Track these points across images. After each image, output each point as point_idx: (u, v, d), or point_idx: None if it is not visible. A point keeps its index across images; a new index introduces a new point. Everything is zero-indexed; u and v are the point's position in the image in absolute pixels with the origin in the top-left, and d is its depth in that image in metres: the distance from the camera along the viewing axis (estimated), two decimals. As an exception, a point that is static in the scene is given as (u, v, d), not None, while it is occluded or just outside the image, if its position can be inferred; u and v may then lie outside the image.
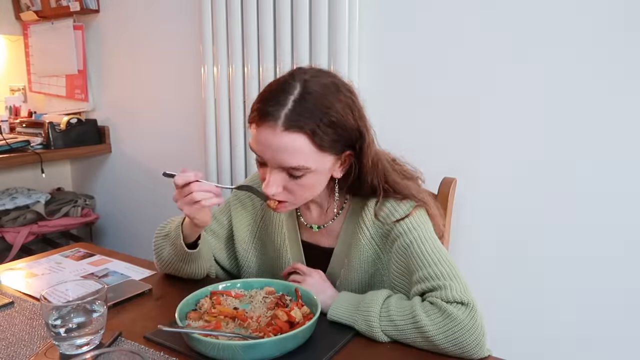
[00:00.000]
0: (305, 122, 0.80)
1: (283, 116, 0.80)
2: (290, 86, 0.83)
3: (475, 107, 1.41)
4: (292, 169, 0.83)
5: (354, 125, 0.85)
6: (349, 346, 0.80)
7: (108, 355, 0.61)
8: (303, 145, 0.81)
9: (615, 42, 1.22)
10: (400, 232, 0.90)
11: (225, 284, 0.94)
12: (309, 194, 0.90)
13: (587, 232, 1.31)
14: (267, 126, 0.81)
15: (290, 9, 1.62)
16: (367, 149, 0.87)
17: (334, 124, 0.82)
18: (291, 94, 0.81)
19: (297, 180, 0.85)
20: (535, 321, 1.41)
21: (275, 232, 1.04)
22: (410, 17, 1.48)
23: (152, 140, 2.27)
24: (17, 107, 2.66)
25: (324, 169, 0.86)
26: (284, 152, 0.81)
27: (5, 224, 2.11)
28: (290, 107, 0.80)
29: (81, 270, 1.15)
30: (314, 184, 0.87)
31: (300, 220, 1.03)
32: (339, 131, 0.83)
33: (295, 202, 0.91)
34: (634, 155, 1.23)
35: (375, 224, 0.93)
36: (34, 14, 2.42)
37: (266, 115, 0.81)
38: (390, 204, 0.92)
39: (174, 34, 2.06)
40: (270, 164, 0.85)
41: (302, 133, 0.80)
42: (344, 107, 0.83)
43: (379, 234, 0.93)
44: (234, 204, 1.10)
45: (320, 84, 0.83)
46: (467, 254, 1.48)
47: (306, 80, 0.83)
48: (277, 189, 0.86)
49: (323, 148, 0.83)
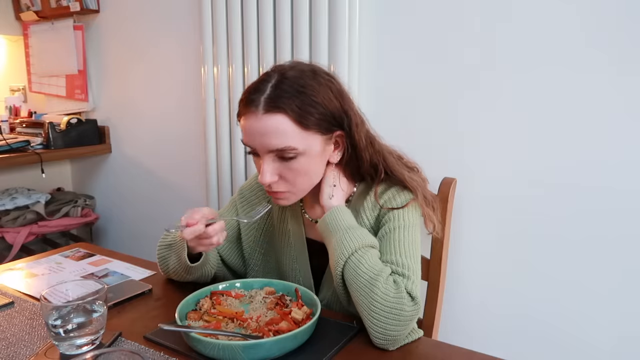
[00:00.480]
0: (283, 102, 0.83)
1: (262, 101, 0.84)
2: (269, 76, 0.88)
3: (476, 107, 1.41)
4: (280, 150, 0.85)
5: (337, 105, 0.88)
6: (349, 346, 0.80)
7: (108, 355, 0.61)
8: (285, 126, 0.84)
9: (615, 41, 1.22)
10: (389, 218, 0.93)
11: (225, 284, 0.94)
12: (306, 180, 0.90)
13: (587, 232, 1.31)
14: (250, 113, 0.86)
15: (290, 9, 1.62)
16: (357, 128, 0.90)
17: (314, 103, 0.85)
18: (269, 82, 0.86)
19: (289, 164, 0.87)
20: (535, 321, 1.41)
21: (279, 229, 1.05)
22: (410, 18, 1.48)
23: (152, 140, 2.27)
24: (17, 107, 2.66)
25: (315, 151, 0.88)
26: (268, 134, 0.84)
27: (5, 224, 2.11)
28: (268, 92, 0.85)
29: (81, 270, 1.15)
30: (308, 168, 0.88)
31: (305, 217, 1.03)
32: (320, 109, 0.85)
33: (295, 192, 0.91)
34: (635, 155, 1.23)
35: (373, 212, 0.95)
36: (34, 14, 2.41)
37: (248, 103, 0.86)
38: (392, 192, 0.95)
39: (174, 34, 2.06)
40: (260, 151, 0.87)
41: (282, 113, 0.83)
42: (323, 88, 0.87)
43: (374, 222, 0.95)
44: (240, 203, 1.11)
45: (296, 69, 0.88)
46: (467, 254, 1.48)
47: (283, 69, 0.89)
48: (271, 177, 0.88)
49: (307, 127, 0.85)
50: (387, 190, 0.95)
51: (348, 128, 0.89)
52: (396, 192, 0.95)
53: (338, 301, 0.94)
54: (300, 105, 0.84)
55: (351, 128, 0.89)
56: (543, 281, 1.39)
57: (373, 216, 0.95)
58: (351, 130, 0.89)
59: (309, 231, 1.03)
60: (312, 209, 1.03)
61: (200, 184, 2.10)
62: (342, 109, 0.88)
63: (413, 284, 0.84)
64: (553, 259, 1.37)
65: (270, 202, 1.07)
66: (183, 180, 2.18)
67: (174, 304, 0.86)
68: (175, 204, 2.23)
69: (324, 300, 0.98)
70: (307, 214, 1.03)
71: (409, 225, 0.92)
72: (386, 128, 1.03)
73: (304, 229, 1.03)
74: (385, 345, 0.80)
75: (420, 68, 1.49)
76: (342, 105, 0.89)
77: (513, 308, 1.42)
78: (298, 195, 0.93)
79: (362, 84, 1.58)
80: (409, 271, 0.85)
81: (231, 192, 1.91)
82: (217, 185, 1.94)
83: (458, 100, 1.44)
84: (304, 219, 1.03)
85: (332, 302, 0.98)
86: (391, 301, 0.80)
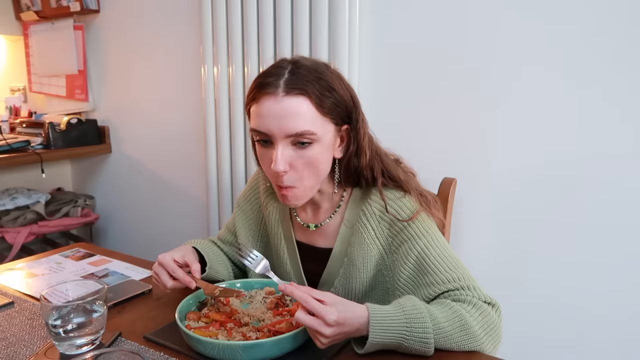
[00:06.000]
0: (304, 84, 0.83)
1: (282, 83, 0.83)
2: (282, 64, 0.87)
3: (476, 107, 1.41)
4: (299, 135, 0.83)
5: (348, 95, 0.88)
6: (349, 346, 0.80)
7: (108, 355, 0.61)
8: (306, 109, 0.83)
9: (616, 40, 1.22)
10: (409, 236, 0.90)
11: (225, 284, 0.94)
12: (313, 173, 0.88)
13: (588, 232, 1.31)
14: (268, 95, 0.83)
15: (290, 9, 1.62)
16: (363, 123, 0.91)
17: (330, 89, 0.85)
18: (285, 68, 0.85)
19: (303, 152, 0.84)
20: (535, 321, 1.41)
21: (272, 232, 1.05)
22: (410, 19, 1.48)
23: (152, 140, 2.27)
24: (17, 107, 2.66)
25: (327, 140, 0.87)
26: (289, 117, 0.82)
27: (5, 224, 2.11)
28: (287, 76, 0.84)
29: (81, 270, 1.15)
30: (318, 158, 0.86)
31: (297, 220, 1.01)
32: (336, 96, 0.86)
33: (302, 188, 0.88)
34: (635, 150, 1.23)
35: (380, 223, 0.92)
36: (34, 14, 2.41)
37: (265, 86, 0.84)
38: (393, 195, 0.92)
39: (174, 34, 2.06)
40: (276, 135, 0.84)
41: (304, 95, 0.83)
42: (336, 77, 0.88)
43: (385, 234, 0.92)
44: (237, 213, 1.12)
45: (308, 60, 0.89)
46: (467, 254, 1.48)
47: (295, 59, 0.88)
48: (284, 165, 0.84)
49: (324, 112, 0.84)
50: (387, 197, 0.93)
51: (355, 122, 0.89)
52: (397, 198, 0.92)
53: None
54: (319, 90, 0.83)
55: (358, 122, 0.89)
56: (543, 282, 1.39)
57: (382, 227, 0.92)
58: (358, 124, 0.89)
59: (299, 234, 1.02)
60: (303, 211, 1.01)
61: (200, 184, 2.10)
62: (353, 100, 0.89)
63: (477, 290, 0.84)
64: (553, 259, 1.37)
65: (260, 206, 1.07)
66: (183, 180, 2.18)
67: (174, 304, 0.86)
68: (175, 203, 2.23)
69: None
70: (298, 217, 1.01)
71: (433, 237, 0.90)
72: (387, 129, 1.03)
73: (293, 232, 1.02)
74: (493, 353, 0.81)
75: (420, 69, 1.49)
76: (352, 96, 0.89)
77: (513, 308, 1.42)
78: (304, 192, 0.90)
79: (362, 84, 1.58)
80: (467, 280, 0.85)
81: (231, 192, 1.91)
82: (217, 185, 1.94)
83: (458, 101, 1.44)
84: (294, 221, 1.02)
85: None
86: (482, 318, 0.80)
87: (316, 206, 0.99)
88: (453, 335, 0.77)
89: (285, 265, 1.02)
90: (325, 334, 0.72)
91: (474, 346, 0.78)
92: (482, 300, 0.83)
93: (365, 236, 0.93)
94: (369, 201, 0.93)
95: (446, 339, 0.77)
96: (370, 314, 0.74)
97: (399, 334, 0.74)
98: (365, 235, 0.93)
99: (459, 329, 0.77)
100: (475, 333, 0.78)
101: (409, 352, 0.77)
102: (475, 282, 0.86)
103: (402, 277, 0.89)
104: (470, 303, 0.81)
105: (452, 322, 0.77)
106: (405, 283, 0.89)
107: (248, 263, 0.90)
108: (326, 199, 0.98)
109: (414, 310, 0.76)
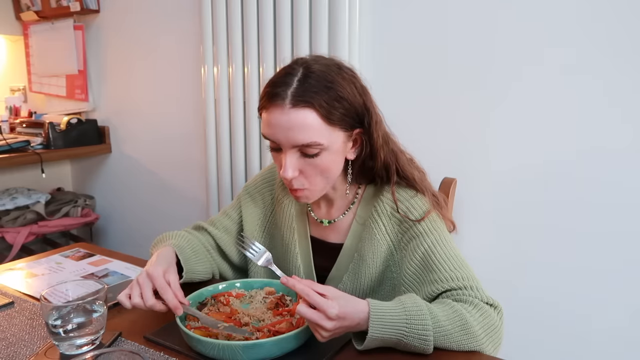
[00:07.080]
0: (311, 97, 0.82)
1: (289, 95, 0.82)
2: (293, 69, 0.86)
3: (476, 107, 1.41)
4: (305, 146, 0.83)
5: (360, 100, 0.87)
6: (349, 346, 0.80)
7: (108, 355, 0.61)
8: (312, 120, 0.82)
9: (616, 40, 1.22)
10: (417, 233, 0.90)
11: (225, 284, 0.94)
12: (324, 178, 0.89)
13: (588, 232, 1.31)
14: (276, 106, 0.83)
15: (290, 9, 1.62)
16: (376, 126, 0.89)
17: (340, 98, 0.84)
18: (295, 76, 0.84)
19: (312, 160, 0.85)
20: (534, 323, 1.41)
21: (284, 226, 1.05)
22: (410, 19, 1.48)
23: (152, 140, 2.27)
24: (17, 107, 2.66)
25: (337, 147, 0.87)
26: (295, 129, 0.83)
27: (5, 224, 2.11)
28: (295, 86, 0.83)
29: (81, 270, 1.15)
30: (328, 165, 0.87)
31: (311, 216, 1.03)
32: (345, 105, 0.84)
33: (313, 189, 0.89)
34: (636, 151, 1.23)
35: (391, 220, 0.93)
36: (34, 14, 2.41)
37: (274, 96, 0.84)
38: (405, 197, 0.93)
39: (174, 34, 2.06)
40: (284, 145, 0.85)
41: (310, 108, 0.82)
42: (348, 83, 0.86)
43: (395, 231, 0.94)
44: (244, 199, 1.11)
45: (321, 64, 0.87)
46: (466, 254, 1.46)
47: (308, 63, 0.87)
48: (293, 172, 0.86)
49: (332, 122, 0.84)
50: (399, 193, 0.94)
51: (368, 125, 0.89)
52: (409, 197, 0.93)
53: None
54: (327, 101, 0.82)
55: (371, 125, 0.89)
56: (543, 282, 1.39)
57: (392, 224, 0.93)
58: (370, 127, 0.89)
59: (313, 229, 1.03)
60: (317, 208, 1.03)
61: (200, 184, 2.10)
62: (365, 105, 0.88)
63: (479, 291, 0.84)
64: (553, 259, 1.37)
65: (273, 199, 1.08)
66: (183, 180, 2.18)
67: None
68: (175, 203, 2.23)
69: None
70: (312, 212, 1.03)
71: (441, 235, 0.90)
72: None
73: (308, 227, 1.03)
74: (494, 354, 0.80)
75: (420, 69, 1.49)
76: (364, 101, 0.88)
77: (513, 309, 1.42)
78: (315, 193, 0.91)
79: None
80: (470, 280, 0.85)
81: (231, 191, 1.91)
82: (217, 185, 1.94)
83: (458, 101, 1.44)
84: (309, 217, 1.04)
85: None
86: (482, 318, 0.80)
87: (330, 202, 1.01)
88: (453, 334, 0.77)
89: (295, 259, 1.02)
90: (326, 327, 0.72)
91: (473, 346, 0.78)
92: (484, 301, 0.83)
93: (376, 232, 0.93)
94: (381, 198, 0.95)
95: (446, 337, 0.77)
96: (371, 309, 0.74)
97: (398, 330, 0.74)
98: (376, 231, 0.93)
99: (459, 328, 0.77)
100: (476, 333, 0.78)
101: (409, 349, 0.77)
102: (478, 283, 0.86)
103: (408, 272, 0.90)
104: (471, 304, 0.82)
105: (453, 321, 0.77)
106: (410, 279, 0.90)
107: (250, 255, 0.90)
108: (340, 195, 0.99)
109: (414, 307, 0.76)
